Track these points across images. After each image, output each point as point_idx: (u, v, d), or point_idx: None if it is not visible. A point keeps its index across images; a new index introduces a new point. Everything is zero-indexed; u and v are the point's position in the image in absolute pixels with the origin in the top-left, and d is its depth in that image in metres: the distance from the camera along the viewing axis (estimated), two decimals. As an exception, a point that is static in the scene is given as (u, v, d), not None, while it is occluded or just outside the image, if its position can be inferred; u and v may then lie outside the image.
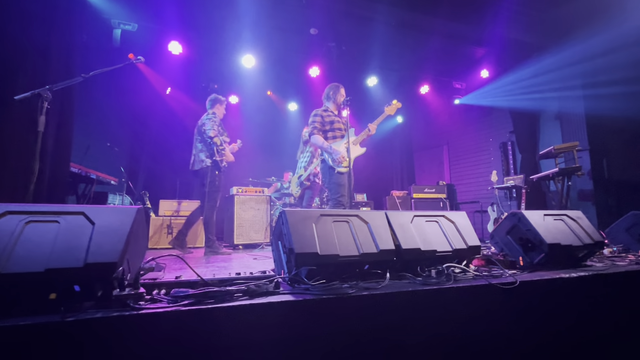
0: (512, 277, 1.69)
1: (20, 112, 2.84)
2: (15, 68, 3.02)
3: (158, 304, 1.15)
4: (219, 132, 3.78)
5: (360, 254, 1.60)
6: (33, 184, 1.93)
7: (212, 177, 3.74)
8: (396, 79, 6.65)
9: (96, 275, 1.14)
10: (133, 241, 1.29)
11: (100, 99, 5.10)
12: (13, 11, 3.11)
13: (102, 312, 1.06)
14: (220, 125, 3.89)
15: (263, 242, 4.56)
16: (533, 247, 2.07)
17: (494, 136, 6.83)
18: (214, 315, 1.15)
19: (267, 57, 5.67)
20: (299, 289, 1.41)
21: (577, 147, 4.18)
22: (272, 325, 1.22)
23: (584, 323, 1.73)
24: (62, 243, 1.17)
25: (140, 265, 1.49)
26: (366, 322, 1.34)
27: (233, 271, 1.83)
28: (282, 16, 4.76)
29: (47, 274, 1.10)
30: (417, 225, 1.88)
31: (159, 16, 4.73)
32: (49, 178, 3.23)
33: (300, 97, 7.24)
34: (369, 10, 4.67)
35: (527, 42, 5.44)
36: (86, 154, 4.46)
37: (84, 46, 4.14)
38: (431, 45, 5.38)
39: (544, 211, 2.21)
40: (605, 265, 2.08)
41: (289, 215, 1.60)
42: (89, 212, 1.27)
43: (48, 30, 3.35)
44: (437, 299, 1.48)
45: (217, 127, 3.78)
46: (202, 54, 5.46)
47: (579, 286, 1.77)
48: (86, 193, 4.25)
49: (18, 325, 0.96)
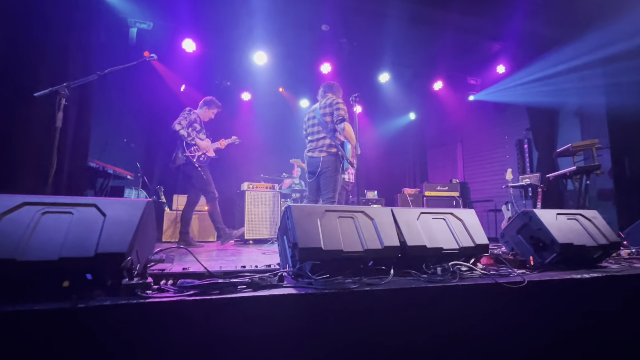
0: (521, 276, 1.66)
1: (40, 109, 2.96)
2: (36, 67, 3.15)
3: (164, 294, 1.19)
4: (185, 127, 3.84)
5: (364, 250, 1.60)
6: (52, 177, 2.01)
7: (197, 174, 3.81)
8: (409, 75, 6.56)
9: (106, 264, 1.19)
10: (142, 233, 1.34)
11: (117, 96, 5.24)
12: (35, 14, 3.24)
13: (111, 299, 1.11)
14: (197, 124, 3.97)
15: (272, 237, 4.61)
16: (544, 247, 2.02)
17: (510, 133, 6.65)
18: (218, 305, 1.18)
19: (278, 53, 5.69)
20: (302, 283, 1.43)
21: (597, 144, 4.03)
22: (274, 318, 1.24)
23: (596, 325, 1.68)
24: (75, 233, 1.22)
25: (150, 256, 1.54)
26: (368, 317, 1.34)
27: (240, 264, 1.86)
28: (294, 12, 4.77)
29: (61, 262, 1.15)
30: (424, 222, 1.86)
31: (174, 14, 4.82)
32: (68, 172, 3.36)
33: (312, 93, 7.22)
34: (381, 5, 4.61)
35: (545, 35, 5.25)
36: (104, 149, 4.61)
37: (101, 45, 4.27)
38: (445, 40, 5.27)
39: (557, 210, 2.15)
40: (621, 267, 2.01)
41: (294, 210, 1.61)
42: (101, 204, 1.32)
43: (67, 30, 3.48)
44: (441, 296, 1.47)
45: (185, 122, 3.85)
46: (215, 51, 5.53)
47: (592, 287, 1.72)
48: (104, 187, 4.40)
49: (33, 310, 1.01)
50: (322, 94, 3.49)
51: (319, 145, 3.28)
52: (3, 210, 1.22)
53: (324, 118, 3.29)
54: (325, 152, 3.22)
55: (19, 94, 2.98)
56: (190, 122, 3.91)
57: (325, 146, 3.24)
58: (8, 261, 1.11)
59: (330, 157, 3.21)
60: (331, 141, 3.23)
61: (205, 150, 3.92)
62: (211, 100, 4.14)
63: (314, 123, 3.40)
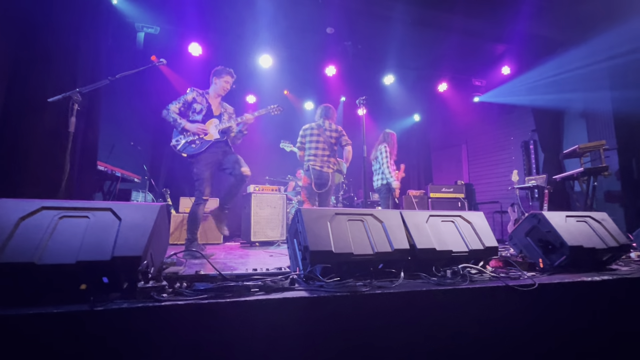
0: (531, 279, 1.66)
1: (52, 114, 3.01)
2: (47, 72, 3.20)
3: (179, 297, 1.21)
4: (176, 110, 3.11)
5: (374, 253, 1.61)
6: (64, 181, 2.04)
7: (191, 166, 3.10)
8: (413, 77, 6.56)
9: (122, 268, 1.21)
10: (156, 236, 1.36)
11: (124, 99, 5.30)
12: (46, 20, 3.30)
13: (128, 302, 1.13)
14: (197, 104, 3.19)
15: (279, 240, 4.63)
16: (553, 249, 2.01)
17: (515, 134, 6.63)
18: (232, 308, 1.19)
19: (283, 56, 5.73)
20: (314, 285, 1.44)
21: (604, 146, 4.01)
22: (287, 320, 1.26)
23: (606, 328, 1.68)
24: (92, 237, 1.24)
25: (163, 259, 1.56)
26: (379, 320, 1.35)
27: (250, 267, 1.88)
28: (299, 16, 4.80)
29: (78, 265, 1.17)
30: (433, 225, 1.87)
31: (180, 19, 4.87)
32: (77, 175, 3.41)
33: (317, 96, 7.27)
34: (386, 8, 4.63)
35: (550, 37, 5.25)
36: (111, 152, 4.66)
37: (110, 49, 4.33)
38: (449, 42, 5.28)
39: (566, 212, 2.14)
40: (631, 269, 2.00)
41: (304, 214, 1.63)
42: (116, 208, 1.34)
43: (76, 36, 3.53)
44: (452, 299, 1.47)
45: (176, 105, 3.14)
46: (220, 54, 5.57)
47: (602, 290, 1.72)
48: (111, 190, 4.44)
49: (52, 313, 1.03)
50: (322, 116, 3.97)
51: (329, 162, 3.85)
52: (22, 214, 1.24)
53: (330, 140, 3.86)
54: (332, 168, 3.86)
55: (30, 99, 3.02)
56: (186, 103, 3.19)
57: (332, 164, 3.88)
58: (27, 265, 1.14)
59: (336, 173, 3.94)
60: (334, 160, 3.92)
61: (199, 132, 3.06)
62: (218, 69, 3.37)
63: (319, 140, 3.87)
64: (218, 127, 3.18)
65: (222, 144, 3.20)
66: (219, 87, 3.34)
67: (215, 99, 3.35)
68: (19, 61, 3.07)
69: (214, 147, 3.13)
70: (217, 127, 3.18)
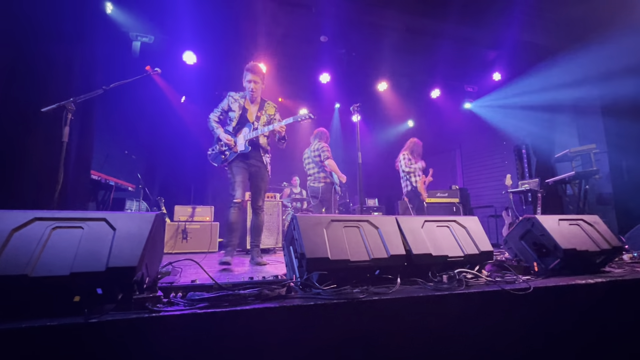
0: (526, 283, 1.67)
1: (45, 123, 2.99)
2: (42, 82, 3.19)
3: (175, 307, 1.20)
4: (217, 118, 3.03)
5: (370, 259, 1.61)
6: (57, 192, 2.03)
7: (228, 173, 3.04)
8: (407, 84, 6.65)
9: (117, 278, 1.20)
10: (151, 246, 1.35)
11: (119, 108, 5.29)
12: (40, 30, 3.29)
13: (123, 314, 1.11)
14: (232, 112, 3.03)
15: (275, 247, 4.60)
16: (548, 253, 2.03)
17: (508, 139, 6.72)
18: (228, 318, 1.18)
19: (278, 64, 5.77)
20: (311, 293, 1.43)
21: (594, 149, 4.08)
22: (284, 329, 1.25)
23: (601, 331, 1.69)
24: (86, 248, 1.23)
25: (158, 269, 1.55)
26: (377, 326, 1.35)
27: (246, 275, 1.87)
28: (293, 25, 4.85)
29: (72, 277, 1.16)
30: (428, 230, 1.88)
31: (175, 28, 4.89)
32: (71, 185, 3.37)
33: (311, 103, 7.32)
34: (378, 17, 4.71)
35: (540, 44, 5.36)
36: (105, 161, 4.63)
37: (104, 58, 4.33)
38: (442, 49, 5.37)
39: (559, 216, 2.17)
40: (624, 272, 2.03)
41: (300, 221, 1.63)
42: (111, 218, 1.33)
43: (71, 45, 3.53)
44: (448, 304, 1.48)
45: (216, 113, 3.06)
46: (215, 62, 5.60)
47: (596, 293, 1.74)
48: (105, 199, 4.40)
49: (45, 326, 1.02)
50: (314, 139, 4.53)
51: (319, 177, 4.36)
52: (15, 225, 1.23)
53: (315, 158, 4.40)
54: (322, 182, 4.32)
55: (23, 109, 3.00)
56: (223, 111, 3.08)
57: (322, 178, 4.34)
58: (20, 277, 1.12)
59: (325, 185, 4.31)
60: (324, 174, 4.35)
61: (227, 144, 2.95)
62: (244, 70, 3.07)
63: (309, 162, 4.49)
64: (246, 137, 2.96)
65: (250, 155, 2.99)
66: (247, 89, 3.06)
67: (251, 103, 3.10)
68: (12, 71, 3.06)
69: (241, 157, 2.98)
70: (245, 137, 2.97)
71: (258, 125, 3.03)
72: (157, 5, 4.49)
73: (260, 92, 3.14)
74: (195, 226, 4.73)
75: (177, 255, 4.29)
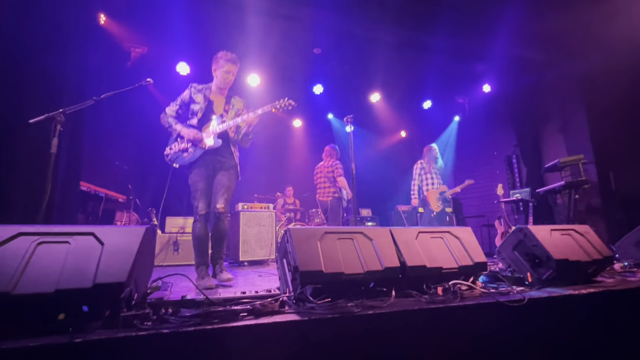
0: (520, 294, 1.67)
1: (34, 134, 2.94)
2: (31, 92, 3.15)
3: (164, 324, 1.16)
4: (173, 113, 2.68)
5: (365, 272, 1.59)
6: (45, 204, 1.98)
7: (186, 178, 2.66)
8: (399, 95, 6.74)
9: (104, 295, 1.16)
10: (141, 261, 1.31)
11: (111, 119, 5.23)
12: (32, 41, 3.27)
13: (109, 332, 1.08)
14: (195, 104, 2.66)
15: (268, 259, 4.55)
16: (540, 263, 2.04)
17: (499, 149, 6.82)
18: (220, 335, 1.15)
19: (272, 75, 5.81)
20: (304, 308, 1.41)
21: (582, 160, 4.16)
22: (278, 346, 1.22)
23: (595, 341, 1.69)
24: (72, 263, 1.19)
25: (148, 284, 1.51)
26: (372, 341, 1.32)
27: (239, 289, 1.83)
28: (287, 37, 4.91)
29: (57, 294, 1.12)
30: (422, 241, 1.87)
31: (168, 39, 4.90)
32: (59, 197, 3.30)
33: (305, 114, 7.36)
34: (370, 30, 4.79)
35: (528, 57, 5.51)
36: (96, 173, 4.55)
37: (97, 69, 4.30)
38: (433, 61, 5.48)
39: (551, 226, 2.19)
40: (616, 281, 2.04)
41: (293, 233, 1.61)
42: (99, 232, 1.30)
43: (63, 56, 3.50)
44: (443, 317, 1.46)
45: (173, 107, 2.71)
46: (208, 73, 5.60)
47: (590, 303, 1.74)
48: (95, 211, 4.31)
49: (27, 347, 0.97)
50: (326, 155, 4.96)
51: (329, 192, 4.79)
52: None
53: (328, 175, 4.80)
54: (331, 196, 4.77)
55: (12, 120, 2.95)
56: (183, 103, 2.72)
57: (332, 192, 4.77)
58: (1, 295, 1.08)
59: (334, 200, 4.74)
60: (334, 189, 4.75)
61: (194, 140, 2.57)
62: (216, 56, 2.72)
63: (321, 176, 4.88)
64: (215, 131, 2.57)
65: (219, 150, 2.60)
66: (220, 80, 2.69)
67: (219, 95, 2.73)
68: (2, 81, 3.02)
69: (208, 155, 2.57)
70: (213, 130, 2.58)
71: (231, 115, 2.68)
72: (150, 17, 4.51)
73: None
74: (187, 237, 4.65)
75: (168, 268, 4.20)
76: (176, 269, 3.79)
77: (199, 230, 2.51)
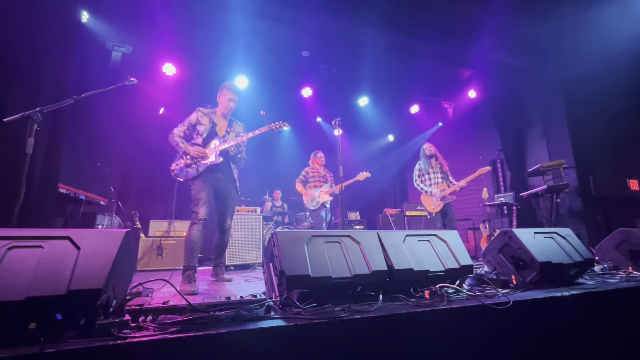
0: (506, 297, 1.68)
1: (8, 134, 2.81)
2: (7, 90, 3.02)
3: (144, 332, 1.11)
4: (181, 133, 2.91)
5: (352, 276, 1.58)
6: (18, 207, 1.88)
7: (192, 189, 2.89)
8: (387, 99, 6.80)
9: (79, 302, 1.10)
10: (120, 266, 1.26)
11: (93, 119, 5.08)
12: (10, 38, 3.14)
13: (84, 342, 1.02)
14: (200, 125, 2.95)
15: (255, 263, 4.48)
16: (525, 266, 2.07)
17: (484, 154, 6.96)
18: (202, 343, 1.11)
19: (260, 78, 5.77)
20: (291, 313, 1.38)
21: (563, 164, 4.28)
22: (262, 352, 1.18)
23: (578, 342, 1.72)
24: (45, 269, 1.13)
25: (127, 290, 1.45)
26: (359, 345, 1.31)
27: (223, 294, 1.78)
28: (275, 39, 4.89)
29: (28, 302, 1.06)
30: (410, 245, 1.87)
31: (154, 38, 4.81)
32: (35, 199, 3.17)
33: (293, 116, 7.33)
34: (359, 34, 4.83)
35: (510, 63, 5.66)
36: (76, 174, 4.40)
37: (78, 67, 4.17)
38: (419, 66, 5.55)
39: (534, 229, 2.23)
40: (596, 283, 2.09)
41: (280, 237, 1.58)
42: (75, 236, 1.24)
43: (43, 53, 3.38)
44: (431, 320, 1.46)
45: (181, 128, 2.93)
46: (195, 75, 5.52)
47: (572, 305, 1.77)
48: (74, 214, 4.16)
49: (-6, 359, 0.91)
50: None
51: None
52: (-36, 246, 1.12)
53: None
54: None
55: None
56: (190, 125, 2.97)
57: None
58: (-34, 303, 1.01)
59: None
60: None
61: (198, 156, 2.84)
62: (221, 85, 3.10)
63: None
64: (217, 149, 2.90)
65: (220, 167, 2.91)
66: (222, 106, 3.07)
67: (223, 119, 3.09)
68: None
69: (210, 171, 2.85)
70: (215, 148, 2.90)
71: (228, 138, 3.02)
72: (135, 15, 4.41)
73: None
74: (171, 241, 4.54)
75: (151, 273, 4.08)
76: (159, 273, 3.69)
77: (195, 233, 2.65)
